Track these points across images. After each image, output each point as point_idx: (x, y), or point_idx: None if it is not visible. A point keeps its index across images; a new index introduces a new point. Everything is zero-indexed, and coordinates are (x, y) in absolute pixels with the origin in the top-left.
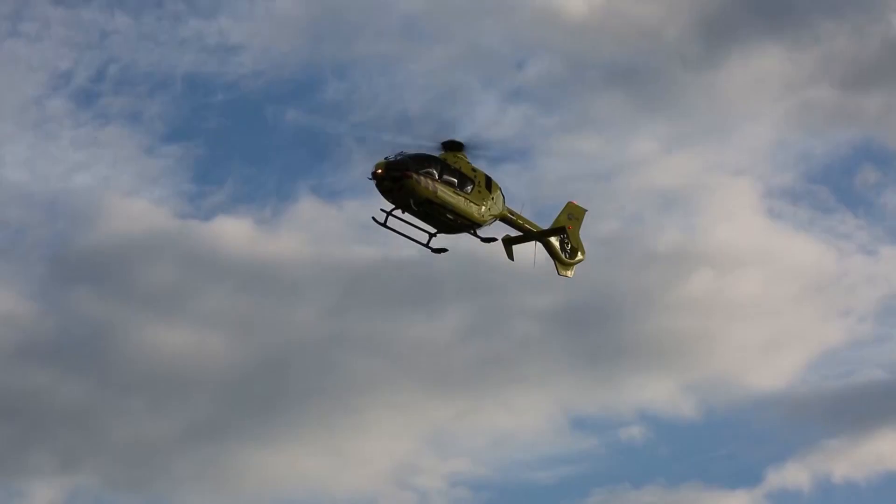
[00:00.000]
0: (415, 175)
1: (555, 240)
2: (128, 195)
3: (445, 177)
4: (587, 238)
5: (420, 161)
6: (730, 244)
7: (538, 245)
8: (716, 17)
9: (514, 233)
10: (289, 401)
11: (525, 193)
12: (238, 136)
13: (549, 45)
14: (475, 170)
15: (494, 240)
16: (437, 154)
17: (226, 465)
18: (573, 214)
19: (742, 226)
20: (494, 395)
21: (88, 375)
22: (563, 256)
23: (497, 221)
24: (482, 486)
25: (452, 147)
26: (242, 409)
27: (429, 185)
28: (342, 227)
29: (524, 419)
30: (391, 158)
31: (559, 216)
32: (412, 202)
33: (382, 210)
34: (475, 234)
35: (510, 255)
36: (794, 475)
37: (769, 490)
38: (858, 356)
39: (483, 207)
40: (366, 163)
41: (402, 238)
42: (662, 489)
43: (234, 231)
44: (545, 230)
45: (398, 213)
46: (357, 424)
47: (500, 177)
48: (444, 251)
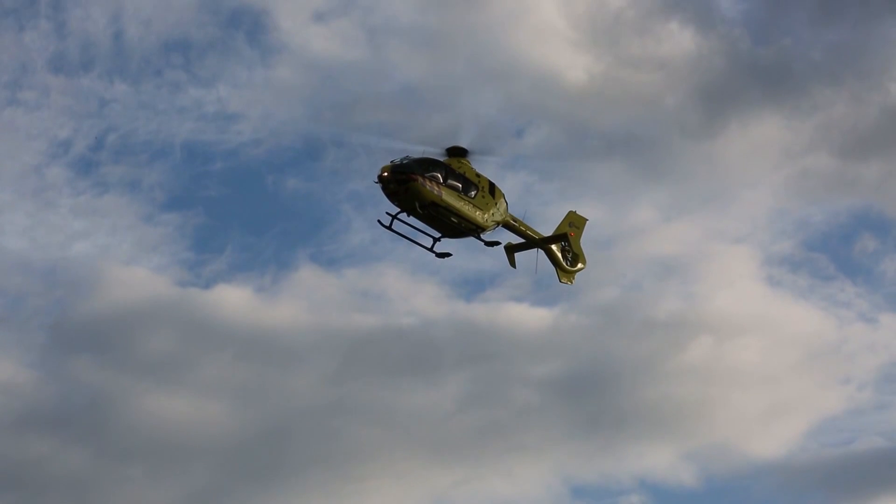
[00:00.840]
0: (420, 178)
1: (556, 247)
2: (127, 263)
3: (450, 181)
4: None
5: (425, 165)
6: (729, 312)
7: (540, 252)
8: (715, 86)
9: (517, 240)
10: (289, 469)
11: (523, 257)
12: (237, 204)
13: (549, 113)
14: (479, 175)
15: (498, 243)
16: (442, 159)
17: None
18: (574, 223)
19: (741, 293)
20: (494, 464)
21: (88, 444)
22: (565, 264)
23: (499, 228)
24: None
25: (457, 153)
26: (242, 478)
27: (433, 189)
28: (342, 295)
29: (524, 487)
30: (397, 162)
31: (560, 225)
32: (417, 205)
33: (388, 213)
34: (479, 238)
35: (512, 263)
36: None
37: None
38: (858, 424)
39: (487, 212)
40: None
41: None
42: None
43: (234, 299)
44: (547, 237)
45: (403, 217)
46: (357, 493)
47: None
48: (448, 255)
